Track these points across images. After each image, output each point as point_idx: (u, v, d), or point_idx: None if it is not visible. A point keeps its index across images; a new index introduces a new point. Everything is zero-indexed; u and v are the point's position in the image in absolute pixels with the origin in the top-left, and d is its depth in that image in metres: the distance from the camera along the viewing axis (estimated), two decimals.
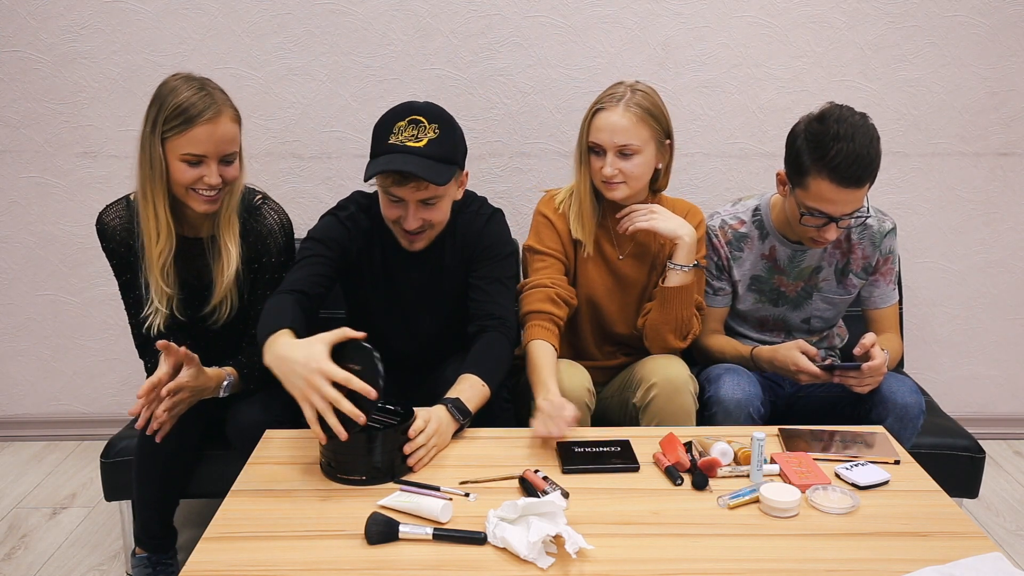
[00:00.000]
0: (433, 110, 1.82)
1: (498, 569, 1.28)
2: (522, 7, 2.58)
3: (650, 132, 1.94)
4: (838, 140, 1.78)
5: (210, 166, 1.80)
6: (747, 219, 2.10)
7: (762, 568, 1.29)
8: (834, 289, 2.10)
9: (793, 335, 2.14)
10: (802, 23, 2.59)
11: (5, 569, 2.17)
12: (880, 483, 1.53)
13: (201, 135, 1.77)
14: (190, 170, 1.80)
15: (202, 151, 1.78)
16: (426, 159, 1.75)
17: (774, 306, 2.12)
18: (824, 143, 1.80)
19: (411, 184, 1.77)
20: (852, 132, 1.79)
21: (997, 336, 2.87)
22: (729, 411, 1.91)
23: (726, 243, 2.10)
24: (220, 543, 1.36)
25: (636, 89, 1.95)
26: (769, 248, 2.09)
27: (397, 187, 1.78)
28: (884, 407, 1.91)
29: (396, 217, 1.84)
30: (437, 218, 1.85)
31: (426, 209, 1.82)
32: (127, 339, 2.81)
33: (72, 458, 2.79)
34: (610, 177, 1.94)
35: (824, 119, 1.83)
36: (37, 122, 2.65)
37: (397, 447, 1.55)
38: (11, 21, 2.56)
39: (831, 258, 2.07)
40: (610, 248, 2.08)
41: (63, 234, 2.74)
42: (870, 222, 2.06)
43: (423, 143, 1.77)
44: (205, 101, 1.78)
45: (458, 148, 1.84)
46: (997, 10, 2.59)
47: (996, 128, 2.69)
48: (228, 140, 1.81)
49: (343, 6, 2.57)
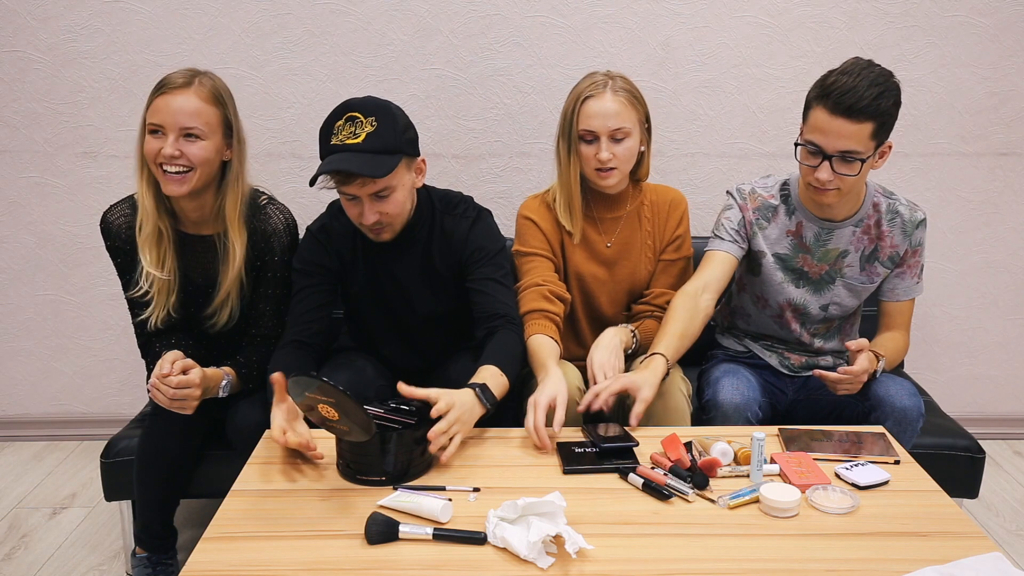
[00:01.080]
0: (369, 104, 1.82)
1: (498, 569, 1.28)
2: (522, 7, 2.58)
3: (636, 115, 1.97)
4: (842, 74, 1.81)
5: (167, 138, 1.81)
6: (776, 192, 2.05)
7: (762, 568, 1.29)
8: (857, 276, 2.05)
9: (809, 319, 2.09)
10: (802, 23, 2.59)
11: (5, 569, 2.17)
12: (880, 483, 1.53)
13: (161, 104, 1.81)
14: (153, 141, 1.82)
15: (159, 120, 1.81)
16: (365, 154, 1.77)
17: (795, 287, 2.06)
18: (829, 75, 1.84)
19: (356, 181, 1.78)
20: (859, 71, 1.81)
21: (997, 336, 2.87)
22: (727, 415, 1.90)
23: (753, 208, 2.05)
24: (220, 543, 1.36)
25: (614, 75, 1.98)
26: (796, 224, 2.03)
27: (345, 186, 1.80)
28: (883, 410, 1.91)
29: (355, 214, 1.86)
30: (393, 210, 1.85)
31: (381, 202, 1.83)
32: (127, 339, 2.82)
33: (72, 458, 2.79)
34: (606, 162, 1.95)
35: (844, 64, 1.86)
36: (37, 122, 2.65)
37: (414, 448, 1.54)
38: (11, 21, 2.56)
39: (859, 243, 2.02)
40: (597, 237, 2.08)
41: (63, 234, 2.74)
42: (901, 210, 2.00)
43: (361, 138, 1.77)
44: (180, 77, 1.83)
45: (400, 136, 1.82)
46: (997, 10, 2.59)
47: (996, 128, 2.69)
48: (189, 114, 1.81)
49: (343, 6, 2.57)
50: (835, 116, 1.80)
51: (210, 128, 1.84)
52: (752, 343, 2.18)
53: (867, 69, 1.81)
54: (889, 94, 1.81)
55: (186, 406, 1.79)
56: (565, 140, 2.01)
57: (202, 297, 1.96)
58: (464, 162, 2.69)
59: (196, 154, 1.82)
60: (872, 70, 1.81)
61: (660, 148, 2.66)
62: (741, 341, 2.20)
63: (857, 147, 1.82)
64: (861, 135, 1.80)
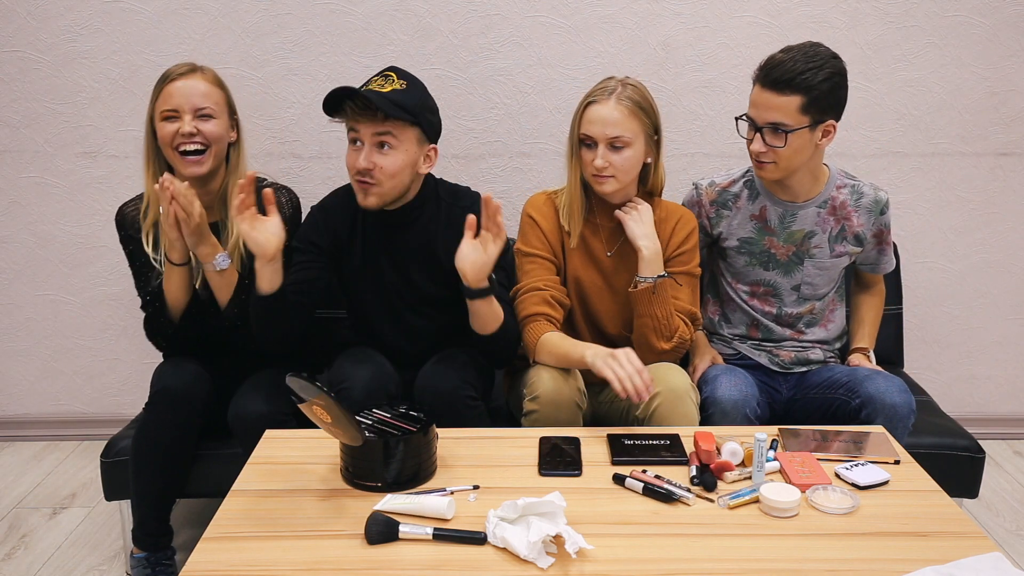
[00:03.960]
0: (408, 74, 1.92)
1: (498, 569, 1.28)
2: (522, 7, 2.58)
3: (640, 125, 1.94)
4: (780, 52, 1.92)
5: (183, 119, 1.93)
6: (738, 178, 2.14)
7: (762, 568, 1.29)
8: (828, 257, 2.11)
9: (784, 303, 2.14)
10: (802, 23, 2.59)
11: (5, 569, 2.17)
12: (880, 483, 1.53)
13: (172, 90, 1.94)
14: (168, 126, 1.93)
15: (174, 105, 1.93)
16: (385, 99, 1.84)
17: (765, 270, 2.12)
18: (770, 55, 1.93)
19: (366, 118, 1.85)
20: (797, 49, 1.90)
21: (997, 336, 2.87)
22: (726, 411, 1.91)
23: (710, 202, 2.14)
24: (220, 543, 1.36)
25: (627, 83, 1.96)
26: (760, 208, 2.09)
27: (354, 120, 1.86)
28: (873, 407, 1.92)
29: (352, 161, 1.90)
30: (389, 167, 1.89)
31: (379, 153, 1.88)
32: (127, 339, 2.82)
33: (72, 458, 2.79)
34: (600, 169, 1.94)
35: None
36: (37, 122, 2.65)
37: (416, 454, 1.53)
38: (11, 21, 2.56)
39: (824, 224, 2.08)
40: (598, 245, 2.07)
41: (63, 234, 2.74)
42: (866, 190, 2.09)
43: (387, 89, 1.86)
44: (184, 67, 1.97)
45: (424, 110, 1.91)
46: (997, 10, 2.59)
47: (996, 128, 2.69)
48: (200, 94, 1.95)
49: (343, 6, 2.57)
50: (764, 89, 1.91)
51: (219, 108, 1.98)
52: (740, 345, 2.19)
53: (807, 48, 1.91)
54: (821, 71, 1.87)
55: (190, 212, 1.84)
56: (570, 142, 2.02)
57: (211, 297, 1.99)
58: (464, 162, 2.69)
59: (212, 131, 1.95)
60: (813, 49, 1.90)
61: None
62: (730, 344, 2.21)
63: (784, 119, 1.90)
64: (788, 107, 1.88)
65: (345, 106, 1.87)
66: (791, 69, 1.86)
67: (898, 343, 2.57)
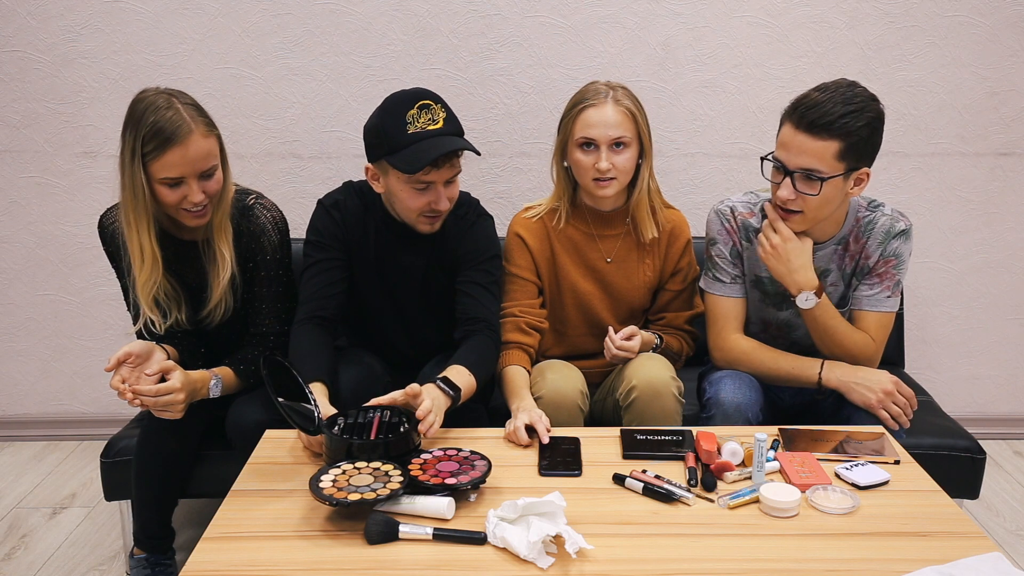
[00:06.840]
0: (429, 91, 1.88)
1: (498, 569, 1.28)
2: (522, 7, 2.58)
3: (635, 127, 1.96)
4: (817, 90, 1.76)
5: (191, 185, 1.79)
6: (756, 211, 1.99)
7: (762, 568, 1.29)
8: (842, 294, 1.99)
9: (795, 333, 2.06)
10: (802, 23, 2.59)
11: (5, 569, 2.17)
12: (880, 483, 1.53)
13: (174, 159, 1.75)
14: (172, 192, 1.79)
15: (178, 173, 1.77)
16: (449, 136, 1.83)
17: (778, 310, 2.02)
18: (803, 93, 1.78)
19: (448, 164, 1.83)
20: (834, 88, 1.75)
21: (997, 336, 2.87)
22: (728, 414, 1.89)
23: (738, 228, 1.98)
24: (220, 543, 1.36)
25: (616, 86, 1.97)
26: None
27: (436, 170, 1.82)
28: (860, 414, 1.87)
29: (425, 203, 1.87)
30: (457, 194, 1.92)
31: (450, 187, 1.89)
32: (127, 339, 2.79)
33: (72, 458, 2.79)
34: (604, 172, 1.94)
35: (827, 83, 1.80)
36: (37, 122, 2.65)
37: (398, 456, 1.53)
38: (11, 21, 2.56)
39: (840, 260, 1.95)
40: (595, 253, 2.08)
41: (63, 234, 2.74)
42: (882, 220, 1.91)
43: (440, 124, 1.83)
44: (174, 122, 1.75)
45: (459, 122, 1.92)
46: (997, 10, 2.59)
47: (996, 128, 2.69)
48: (203, 156, 1.79)
49: (343, 6, 2.57)
50: (799, 131, 1.74)
51: (217, 158, 1.84)
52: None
53: (845, 88, 1.75)
54: (861, 115, 1.72)
55: (173, 411, 1.78)
56: (562, 148, 2.01)
57: (197, 300, 1.96)
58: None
59: (214, 187, 1.83)
60: (850, 90, 1.75)
61: (660, 148, 2.65)
62: None
63: (819, 165, 1.74)
64: (824, 153, 1.73)
65: (437, 161, 1.81)
66: (830, 112, 1.71)
67: (898, 343, 2.57)
